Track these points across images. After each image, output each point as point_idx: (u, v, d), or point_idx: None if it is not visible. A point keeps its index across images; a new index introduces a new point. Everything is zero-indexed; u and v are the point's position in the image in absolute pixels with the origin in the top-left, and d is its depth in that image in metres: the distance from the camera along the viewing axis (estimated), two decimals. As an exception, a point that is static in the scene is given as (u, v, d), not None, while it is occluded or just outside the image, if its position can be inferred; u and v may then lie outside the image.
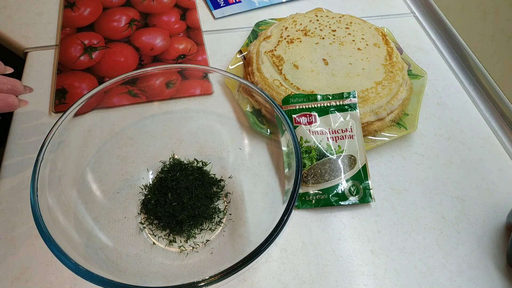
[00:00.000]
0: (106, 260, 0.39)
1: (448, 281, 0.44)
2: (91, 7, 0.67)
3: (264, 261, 0.44)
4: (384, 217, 0.49)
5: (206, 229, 0.46)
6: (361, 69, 0.56)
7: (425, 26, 0.73)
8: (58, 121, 0.40)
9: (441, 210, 0.50)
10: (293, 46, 0.59)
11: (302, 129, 0.51)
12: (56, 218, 0.36)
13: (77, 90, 0.57)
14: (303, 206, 0.48)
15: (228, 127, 0.54)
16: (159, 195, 0.46)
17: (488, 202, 0.51)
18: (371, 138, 0.53)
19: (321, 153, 0.50)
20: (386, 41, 0.60)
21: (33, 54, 0.61)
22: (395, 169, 0.53)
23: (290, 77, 0.55)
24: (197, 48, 0.64)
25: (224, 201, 0.48)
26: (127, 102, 0.54)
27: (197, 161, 0.50)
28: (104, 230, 0.43)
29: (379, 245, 0.47)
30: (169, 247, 0.44)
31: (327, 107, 0.52)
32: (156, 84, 0.53)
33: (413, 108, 0.56)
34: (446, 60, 0.67)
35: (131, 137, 0.49)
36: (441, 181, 0.52)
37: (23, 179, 0.48)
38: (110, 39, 0.63)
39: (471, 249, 0.47)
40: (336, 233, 0.47)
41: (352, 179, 0.49)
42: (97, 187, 0.45)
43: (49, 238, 0.33)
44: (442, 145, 0.56)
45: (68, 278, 0.42)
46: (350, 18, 0.64)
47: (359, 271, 0.44)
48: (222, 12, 0.70)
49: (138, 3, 0.69)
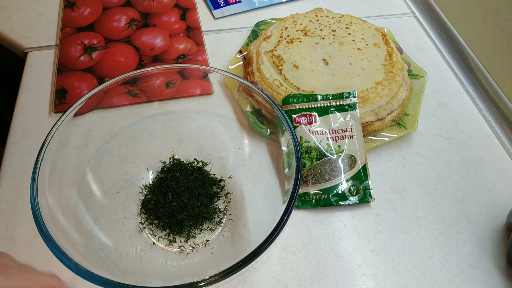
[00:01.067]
0: (106, 260, 0.39)
1: (448, 281, 0.44)
2: (91, 7, 0.67)
3: (264, 261, 0.44)
4: (384, 217, 0.49)
5: (206, 229, 0.46)
6: (361, 69, 0.56)
7: (425, 26, 0.73)
8: (58, 121, 0.40)
9: (441, 210, 0.50)
10: (293, 46, 0.59)
11: (302, 129, 0.51)
12: (56, 218, 0.36)
13: (77, 90, 0.57)
14: (303, 206, 0.48)
15: (228, 127, 0.54)
16: (159, 195, 0.46)
17: (488, 202, 0.51)
18: (371, 138, 0.53)
19: (321, 153, 0.50)
20: (386, 41, 0.60)
21: (33, 54, 0.61)
22: (395, 169, 0.53)
23: (290, 77, 0.55)
24: (197, 48, 0.64)
25: (224, 201, 0.48)
26: (127, 102, 0.53)
27: (197, 161, 0.50)
28: (104, 230, 0.43)
29: (379, 245, 0.47)
30: (169, 247, 0.44)
31: (327, 107, 0.52)
32: (156, 84, 0.53)
33: (413, 108, 0.56)
34: (446, 60, 0.67)
35: (131, 137, 0.49)
36: (441, 181, 0.52)
37: (23, 179, 0.48)
38: (110, 39, 0.63)
39: (471, 249, 0.47)
40: (336, 233, 0.47)
41: (352, 179, 0.49)
42: (97, 187, 0.45)
43: (49, 238, 0.33)
44: (442, 145, 0.56)
45: (68, 278, 0.42)
46: (350, 18, 0.64)
47: (359, 271, 0.44)
48: (222, 12, 0.70)
49: (138, 3, 0.69)
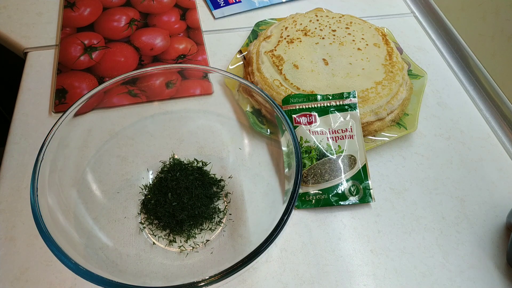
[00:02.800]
0: (106, 260, 0.39)
1: (448, 281, 0.44)
2: (91, 7, 0.67)
3: (264, 261, 0.44)
4: (384, 217, 0.49)
5: (206, 229, 0.46)
6: (361, 69, 0.56)
7: (425, 26, 0.73)
8: (58, 121, 0.40)
9: (441, 210, 0.50)
10: (293, 46, 0.59)
11: (302, 129, 0.51)
12: (56, 218, 0.36)
13: (77, 90, 0.57)
14: (303, 206, 0.48)
15: (228, 127, 0.54)
16: (159, 195, 0.46)
17: (488, 202, 0.51)
18: (371, 138, 0.53)
19: (321, 153, 0.50)
20: (386, 41, 0.60)
21: (33, 54, 0.61)
22: (395, 169, 0.53)
23: (290, 77, 0.55)
24: (197, 48, 0.64)
25: (224, 201, 0.48)
26: (127, 102, 0.53)
27: (197, 161, 0.50)
28: (104, 230, 0.43)
29: (379, 245, 0.47)
30: (169, 247, 0.44)
31: (327, 107, 0.52)
32: (156, 84, 0.53)
33: (413, 108, 0.56)
34: (446, 60, 0.67)
35: (131, 137, 0.49)
36: (441, 181, 0.52)
37: (23, 179, 0.48)
38: (110, 39, 0.63)
39: (471, 249, 0.47)
40: (336, 233, 0.47)
41: (352, 179, 0.49)
42: (97, 187, 0.45)
43: (49, 238, 0.33)
44: (442, 145, 0.56)
45: (68, 278, 0.42)
46: (350, 18, 0.64)
47: (359, 271, 0.44)
48: (222, 12, 0.70)
49: (138, 3, 0.69)
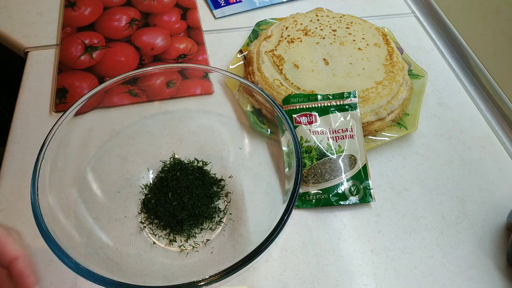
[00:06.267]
0: (107, 260, 0.39)
1: (448, 281, 0.44)
2: (91, 7, 0.67)
3: (264, 260, 0.44)
4: (384, 217, 0.49)
5: (206, 229, 0.46)
6: (361, 69, 0.56)
7: (425, 26, 0.73)
8: (59, 120, 0.40)
9: (442, 210, 0.50)
10: (293, 46, 0.59)
11: (302, 129, 0.51)
12: (56, 217, 0.37)
13: (77, 90, 0.57)
14: (303, 205, 0.48)
15: (229, 126, 0.54)
16: (159, 195, 0.46)
17: (488, 202, 0.51)
18: (372, 138, 0.53)
19: (321, 153, 0.50)
20: (386, 41, 0.60)
21: (34, 53, 0.61)
22: (395, 169, 0.53)
23: (290, 77, 0.55)
24: (198, 48, 0.64)
25: (224, 201, 0.48)
26: (128, 102, 0.54)
27: (198, 161, 0.50)
28: (104, 230, 0.43)
29: (379, 245, 0.47)
30: (169, 246, 0.44)
31: (328, 107, 0.52)
32: (157, 83, 0.53)
33: (414, 108, 0.56)
34: (447, 60, 0.67)
35: (131, 136, 0.49)
36: (441, 181, 0.52)
37: (23, 179, 0.48)
38: (110, 38, 0.63)
39: (471, 249, 0.47)
40: (336, 233, 0.47)
41: (352, 179, 0.49)
42: (97, 187, 0.45)
43: (49, 237, 0.33)
44: (443, 145, 0.56)
45: (69, 277, 0.42)
46: (351, 18, 0.64)
47: (359, 270, 0.45)
48: (222, 12, 0.70)
49: (139, 3, 0.69)
